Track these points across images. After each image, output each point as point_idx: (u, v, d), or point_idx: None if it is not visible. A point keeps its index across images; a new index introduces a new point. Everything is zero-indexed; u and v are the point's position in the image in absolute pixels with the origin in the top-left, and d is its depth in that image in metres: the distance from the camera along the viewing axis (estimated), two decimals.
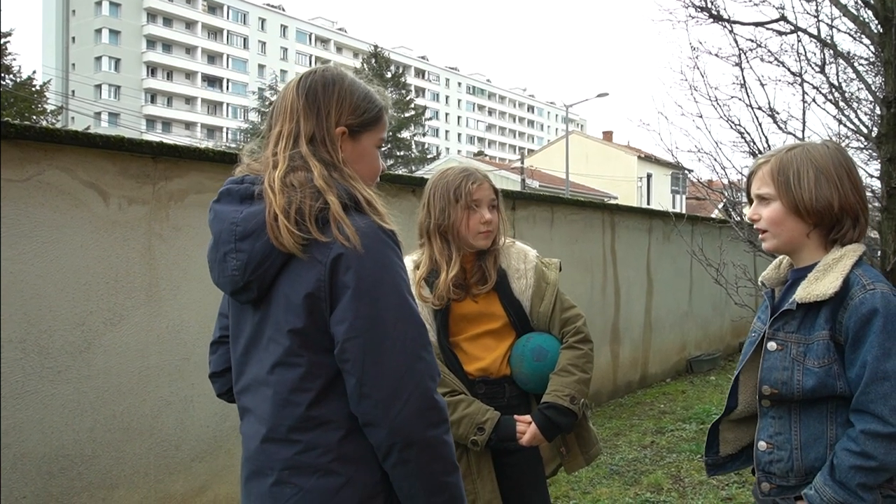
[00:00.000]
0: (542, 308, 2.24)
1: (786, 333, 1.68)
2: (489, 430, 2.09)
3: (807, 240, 1.71)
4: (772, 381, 1.67)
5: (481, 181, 2.21)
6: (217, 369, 1.62)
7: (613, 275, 7.11)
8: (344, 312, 1.27)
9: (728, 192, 5.05)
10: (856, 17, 4.27)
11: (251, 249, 1.32)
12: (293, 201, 1.29)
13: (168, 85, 64.02)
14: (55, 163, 3.05)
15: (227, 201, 1.39)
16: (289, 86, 1.47)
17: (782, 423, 1.69)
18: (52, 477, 3.01)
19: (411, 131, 50.32)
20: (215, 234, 1.39)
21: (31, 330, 2.97)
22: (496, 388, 2.20)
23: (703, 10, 4.52)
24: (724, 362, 8.93)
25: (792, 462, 1.67)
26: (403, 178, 4.95)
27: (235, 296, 1.39)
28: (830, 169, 1.66)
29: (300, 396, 1.32)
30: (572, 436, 2.31)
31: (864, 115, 4.95)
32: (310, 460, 1.32)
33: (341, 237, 1.27)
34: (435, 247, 2.20)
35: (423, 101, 72.61)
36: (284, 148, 1.38)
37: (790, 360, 1.65)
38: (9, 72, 26.84)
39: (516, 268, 2.26)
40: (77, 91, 53.78)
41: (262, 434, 1.36)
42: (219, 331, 1.61)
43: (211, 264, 1.42)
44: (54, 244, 3.05)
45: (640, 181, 39.63)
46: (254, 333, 1.40)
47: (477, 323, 2.21)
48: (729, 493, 4.32)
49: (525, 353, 2.18)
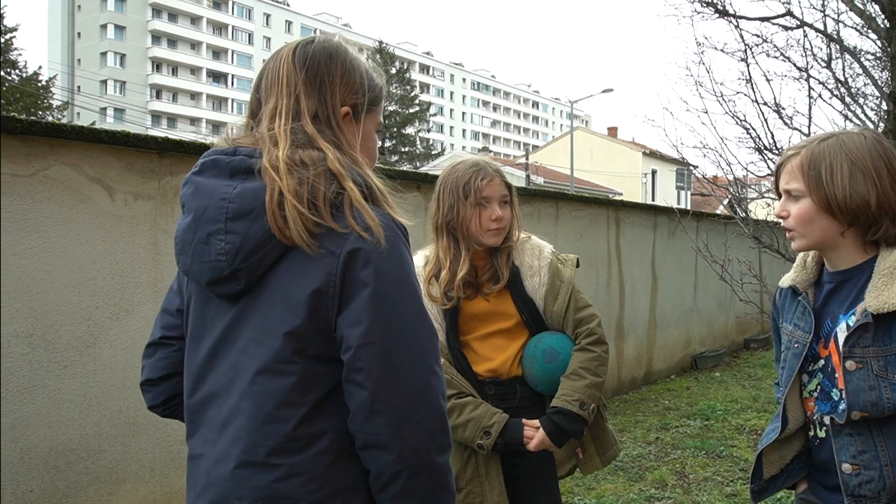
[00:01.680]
0: (556, 307, 2.16)
1: (862, 349, 1.51)
2: (495, 435, 2.03)
3: (842, 239, 1.56)
4: (861, 405, 1.50)
5: (492, 176, 2.12)
6: (153, 376, 1.35)
7: (618, 271, 7.10)
8: (360, 313, 1.09)
9: (733, 188, 5.04)
10: (862, 11, 4.25)
11: (246, 232, 1.11)
12: (305, 181, 1.11)
13: (173, 80, 64.08)
14: (61, 158, 3.06)
15: (213, 174, 1.17)
16: (280, 56, 1.26)
17: (864, 440, 1.53)
18: (58, 471, 3.03)
19: (416, 127, 50.30)
20: (196, 210, 1.16)
21: (38, 325, 2.99)
22: (507, 389, 2.14)
23: (709, 5, 4.52)
24: (729, 359, 8.92)
25: (884, 480, 1.51)
26: (408, 174, 4.95)
27: (214, 286, 1.17)
28: (867, 162, 1.51)
29: (288, 411, 1.12)
30: (588, 437, 2.22)
31: (871, 110, 4.94)
32: (290, 489, 1.11)
33: (359, 228, 1.10)
34: (440, 244, 2.14)
35: (427, 96, 72.58)
36: (284, 124, 1.18)
37: (874, 377, 1.49)
38: (14, 67, 26.92)
39: (530, 265, 2.18)
40: (82, 86, 53.90)
41: (233, 456, 1.14)
42: (160, 330, 1.36)
43: (182, 247, 1.19)
44: (60, 239, 3.06)
45: (645, 177, 39.56)
46: (226, 333, 1.18)
47: (488, 322, 2.15)
48: (734, 489, 4.31)
49: (536, 355, 2.12)
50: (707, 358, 8.43)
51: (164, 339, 1.35)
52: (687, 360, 8.38)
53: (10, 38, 26.62)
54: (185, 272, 1.21)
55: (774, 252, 4.66)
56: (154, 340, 1.37)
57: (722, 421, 5.84)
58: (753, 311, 5.24)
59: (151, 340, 1.37)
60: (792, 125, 4.48)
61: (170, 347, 1.35)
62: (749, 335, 9.88)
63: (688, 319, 8.42)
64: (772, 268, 9.28)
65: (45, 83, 27.90)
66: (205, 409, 1.21)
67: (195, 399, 1.23)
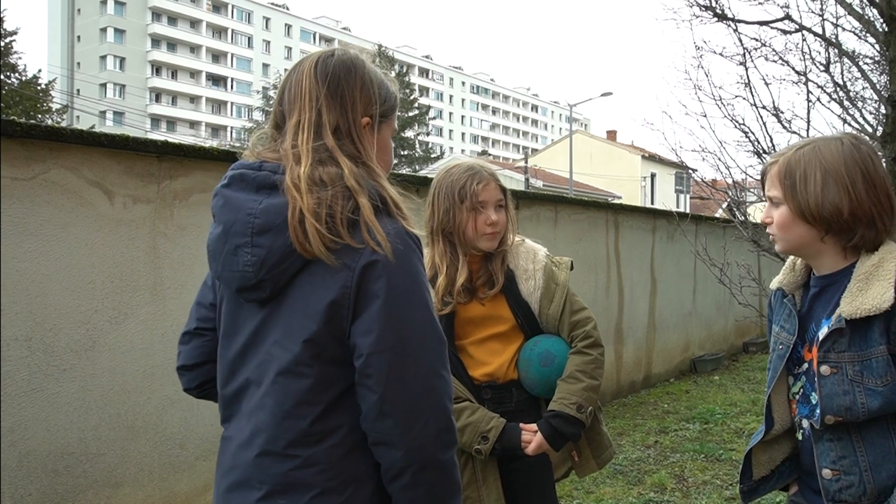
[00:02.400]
0: (552, 310, 2.15)
1: (837, 353, 1.51)
2: (493, 440, 2.03)
3: (822, 245, 1.57)
4: (834, 410, 1.51)
5: (487, 181, 2.11)
6: (188, 362, 1.46)
7: (617, 274, 7.11)
8: (371, 323, 1.18)
9: (732, 191, 5.04)
10: (861, 15, 4.26)
11: (271, 246, 1.20)
12: (323, 201, 1.19)
13: (172, 84, 64.14)
14: (60, 161, 3.07)
15: (240, 188, 1.26)
16: (301, 69, 1.33)
17: (843, 444, 1.54)
18: (57, 475, 3.03)
19: (415, 130, 50.37)
20: (226, 223, 1.25)
21: (37, 328, 2.98)
22: (503, 393, 2.14)
23: (708, 9, 4.52)
24: (728, 362, 8.91)
25: (864, 486, 1.51)
26: (407, 178, 4.95)
27: (243, 293, 1.27)
28: (841, 169, 1.50)
29: (305, 410, 1.22)
30: (584, 440, 2.23)
31: (869, 114, 4.96)
32: (307, 477, 1.22)
33: (373, 243, 1.18)
34: (436, 249, 2.12)
35: (427, 100, 72.60)
36: (307, 140, 1.25)
37: (848, 382, 1.49)
38: (14, 70, 26.94)
39: (524, 268, 2.18)
40: (82, 90, 53.91)
41: (257, 444, 1.25)
42: (196, 322, 1.46)
43: (214, 255, 1.29)
44: (59, 243, 3.06)
45: (644, 181, 39.58)
46: (254, 335, 1.28)
47: (483, 326, 2.14)
48: (733, 492, 4.31)
49: (532, 358, 2.11)
50: (706, 361, 8.42)
51: (199, 329, 1.46)
52: (686, 363, 8.38)
53: (9, 41, 26.64)
54: (217, 278, 1.32)
55: (773, 255, 4.65)
56: (189, 330, 1.47)
57: (721, 424, 5.84)
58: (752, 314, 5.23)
59: (187, 329, 1.48)
60: (791, 129, 4.48)
61: (204, 337, 1.45)
62: (748, 339, 9.88)
63: (687, 323, 8.42)
64: (771, 271, 9.27)
65: (45, 86, 27.91)
66: (237, 399, 1.32)
67: (229, 389, 1.33)
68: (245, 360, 1.30)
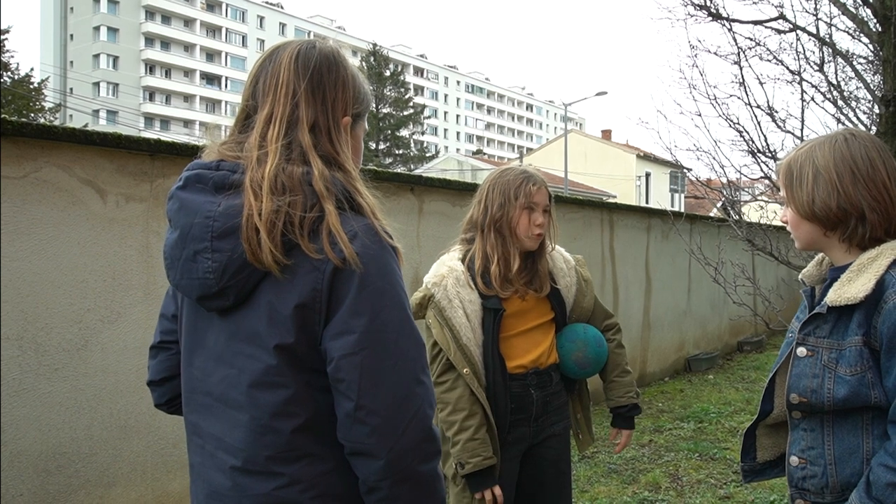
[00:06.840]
0: (586, 304, 2.45)
1: (816, 338, 1.56)
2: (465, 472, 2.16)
3: (828, 240, 1.61)
4: (800, 389, 1.56)
5: (541, 185, 2.30)
6: (156, 377, 1.40)
7: (612, 273, 7.11)
8: (341, 325, 1.11)
9: (726, 190, 5.05)
10: (854, 15, 4.27)
11: (233, 250, 1.12)
12: (282, 209, 1.11)
13: (166, 83, 63.90)
14: (53, 160, 3.05)
15: (197, 189, 1.17)
16: (279, 60, 1.23)
17: (814, 436, 1.57)
18: (49, 475, 3.01)
19: (410, 129, 50.38)
20: (182, 227, 1.17)
21: (29, 327, 2.96)
22: (545, 378, 2.34)
23: (703, 8, 4.52)
24: (723, 361, 8.93)
25: (826, 478, 1.54)
26: (402, 177, 4.94)
27: (204, 301, 1.18)
28: (830, 167, 1.55)
29: (284, 422, 1.14)
30: (583, 419, 2.54)
31: (863, 113, 4.97)
32: (291, 496, 1.15)
33: (333, 254, 1.11)
34: (487, 241, 2.28)
35: (421, 99, 72.61)
36: (277, 136, 1.17)
37: (820, 367, 1.53)
38: (7, 69, 26.81)
39: (560, 268, 2.43)
40: (75, 89, 53.72)
41: (233, 465, 1.18)
42: (160, 335, 1.40)
43: (171, 262, 1.21)
44: (51, 241, 3.04)
45: (639, 180, 39.65)
46: (217, 347, 1.20)
47: (526, 319, 2.32)
48: (727, 491, 4.32)
49: (589, 339, 2.37)
50: (700, 360, 8.44)
51: (163, 342, 1.39)
52: (680, 362, 8.39)
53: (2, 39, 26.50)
54: (176, 286, 1.23)
55: (767, 255, 4.67)
56: (155, 344, 1.41)
57: (715, 423, 5.85)
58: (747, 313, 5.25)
59: (153, 343, 1.42)
60: (785, 128, 4.49)
61: (169, 351, 1.38)
62: (742, 337, 9.90)
63: (681, 322, 8.44)
64: (765, 270, 9.31)
65: (38, 85, 27.76)
66: (205, 418, 1.24)
67: (193, 406, 1.26)
68: (210, 376, 1.22)
